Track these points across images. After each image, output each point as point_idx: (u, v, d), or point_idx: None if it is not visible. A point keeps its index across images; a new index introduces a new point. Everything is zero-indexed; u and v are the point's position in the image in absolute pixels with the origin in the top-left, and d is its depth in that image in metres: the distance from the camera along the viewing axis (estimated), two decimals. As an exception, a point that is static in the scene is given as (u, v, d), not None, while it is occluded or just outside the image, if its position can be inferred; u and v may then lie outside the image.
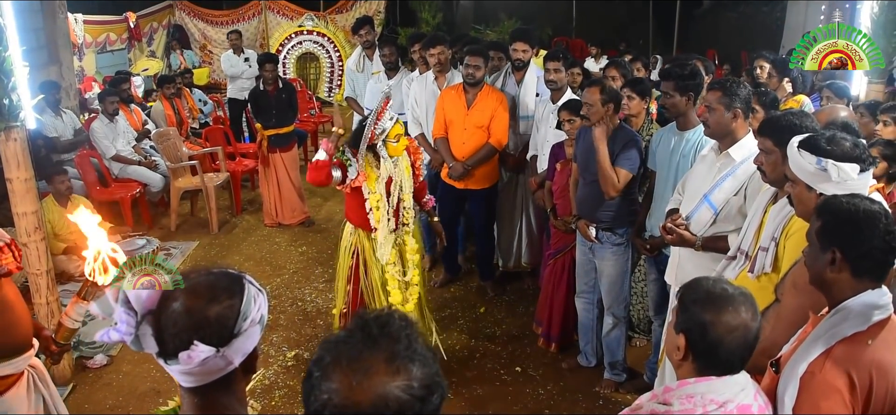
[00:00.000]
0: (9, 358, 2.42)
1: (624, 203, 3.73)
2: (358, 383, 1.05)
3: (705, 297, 1.61)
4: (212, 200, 6.67)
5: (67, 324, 2.37)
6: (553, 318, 4.38)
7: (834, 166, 2.02)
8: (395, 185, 3.82)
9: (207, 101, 9.45)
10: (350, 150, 3.68)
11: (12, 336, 2.41)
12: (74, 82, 7.99)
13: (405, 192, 3.88)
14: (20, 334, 2.44)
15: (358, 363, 1.07)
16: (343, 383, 1.06)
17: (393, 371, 1.07)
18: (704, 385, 1.60)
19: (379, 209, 3.76)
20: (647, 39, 13.98)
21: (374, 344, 1.09)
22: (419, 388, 1.07)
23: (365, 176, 3.70)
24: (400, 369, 1.07)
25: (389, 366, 1.07)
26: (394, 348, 1.09)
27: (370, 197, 3.74)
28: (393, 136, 3.69)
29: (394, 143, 3.70)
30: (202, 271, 1.37)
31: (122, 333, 1.29)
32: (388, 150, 3.72)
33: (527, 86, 5.00)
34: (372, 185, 3.73)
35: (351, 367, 1.07)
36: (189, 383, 1.33)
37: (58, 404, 2.70)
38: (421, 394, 1.07)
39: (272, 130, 6.60)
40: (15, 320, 2.40)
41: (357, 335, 1.11)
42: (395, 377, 1.06)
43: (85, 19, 9.75)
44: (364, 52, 6.23)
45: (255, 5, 12.82)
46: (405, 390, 1.06)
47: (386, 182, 3.78)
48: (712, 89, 3.00)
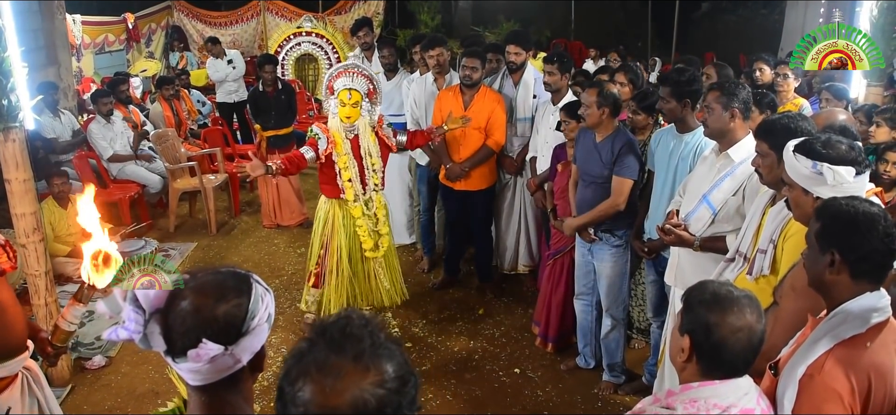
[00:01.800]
0: (3, 360, 2.40)
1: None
2: (331, 388, 1.05)
3: (711, 298, 1.61)
4: (210, 201, 6.67)
5: (63, 327, 2.35)
6: (551, 318, 4.38)
7: (829, 170, 2.02)
8: (364, 150, 4.32)
9: (206, 103, 9.45)
10: (317, 125, 4.33)
11: (6, 339, 2.38)
12: (73, 83, 7.98)
13: (373, 157, 4.36)
14: (14, 336, 2.42)
15: (327, 369, 1.06)
16: (316, 391, 1.05)
17: (363, 370, 1.06)
18: (708, 389, 1.60)
19: (347, 169, 4.30)
20: (646, 42, 14.00)
21: (338, 348, 1.09)
22: (393, 380, 1.07)
23: (334, 142, 4.24)
24: (369, 366, 1.07)
25: (358, 365, 1.07)
26: (359, 347, 1.08)
27: (338, 159, 4.26)
28: (340, 98, 4.21)
29: (340, 105, 4.22)
30: (209, 270, 1.37)
31: (131, 331, 1.29)
32: (338, 111, 4.24)
33: (523, 88, 5.01)
34: (340, 148, 4.26)
35: (321, 374, 1.06)
36: (197, 382, 1.33)
37: (53, 406, 2.68)
38: (396, 386, 1.08)
39: (271, 132, 6.61)
40: (9, 322, 2.38)
41: (319, 343, 1.10)
42: (367, 375, 1.06)
43: (83, 20, 9.74)
44: (363, 54, 6.24)
45: (254, 6, 12.80)
46: (380, 386, 1.06)
47: (353, 148, 4.30)
48: (711, 90, 3.01)
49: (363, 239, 4.44)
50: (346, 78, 4.25)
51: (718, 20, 15.35)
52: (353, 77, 4.26)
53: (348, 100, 4.21)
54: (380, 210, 4.51)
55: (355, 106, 4.24)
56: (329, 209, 4.45)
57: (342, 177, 4.33)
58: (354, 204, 4.37)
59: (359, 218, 4.39)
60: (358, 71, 4.30)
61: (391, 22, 13.70)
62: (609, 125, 3.67)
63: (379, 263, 4.62)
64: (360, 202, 4.39)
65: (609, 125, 3.67)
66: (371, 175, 4.38)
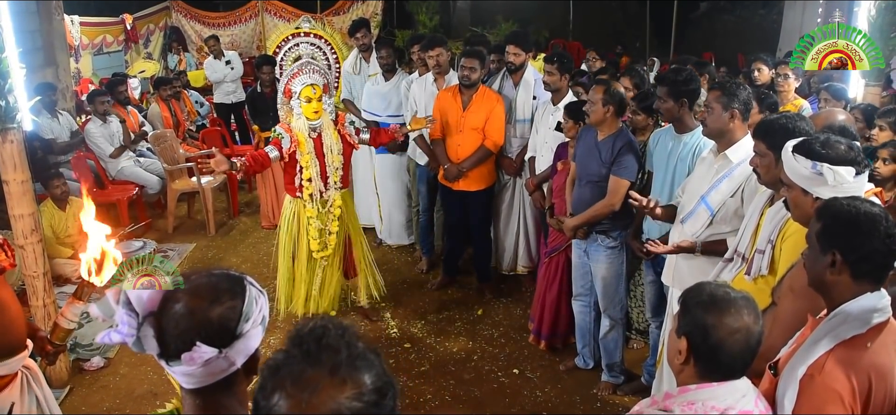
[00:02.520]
0: (3, 359, 2.41)
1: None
2: (307, 402, 1.02)
3: (708, 300, 1.61)
4: (209, 202, 6.66)
5: (63, 325, 2.36)
6: (544, 316, 4.39)
7: (829, 170, 2.01)
8: (327, 148, 4.35)
9: (204, 103, 9.44)
10: (281, 125, 4.34)
11: (7, 337, 2.40)
12: (71, 84, 7.97)
13: (335, 154, 4.38)
14: (14, 335, 2.43)
15: (302, 382, 1.04)
16: (292, 406, 1.03)
17: (339, 383, 1.04)
18: (706, 391, 1.60)
19: (308, 168, 4.32)
20: (645, 42, 14.00)
21: (314, 360, 1.06)
22: (370, 393, 1.05)
23: (297, 141, 4.26)
24: (346, 379, 1.04)
25: (335, 378, 1.04)
26: (335, 359, 1.05)
27: (301, 157, 4.28)
28: (303, 96, 4.23)
29: (305, 102, 4.23)
30: (203, 273, 1.37)
31: (124, 334, 1.28)
32: (303, 110, 4.26)
33: (523, 89, 5.00)
34: (303, 147, 4.28)
35: (296, 387, 1.03)
36: (191, 385, 1.33)
37: (52, 404, 2.68)
38: (373, 398, 1.05)
39: (269, 133, 6.58)
40: (9, 321, 2.40)
41: (295, 354, 1.07)
42: (343, 388, 1.03)
43: (81, 21, 9.72)
44: (360, 55, 6.23)
45: (252, 7, 12.79)
46: (357, 398, 1.04)
47: (316, 147, 4.32)
48: (712, 89, 3.01)
49: (311, 239, 4.41)
50: (303, 75, 4.25)
51: (717, 20, 15.35)
52: (310, 73, 4.26)
53: (314, 95, 4.23)
54: (336, 208, 4.45)
55: (320, 100, 4.26)
56: (293, 209, 4.46)
57: (302, 175, 4.33)
58: (310, 205, 4.36)
59: (312, 217, 4.37)
60: (313, 67, 4.30)
61: (390, 22, 13.68)
62: (612, 124, 3.66)
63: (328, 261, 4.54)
64: (317, 202, 4.38)
65: (612, 124, 3.66)
66: (332, 172, 4.38)
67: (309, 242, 4.42)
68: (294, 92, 4.27)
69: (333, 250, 4.50)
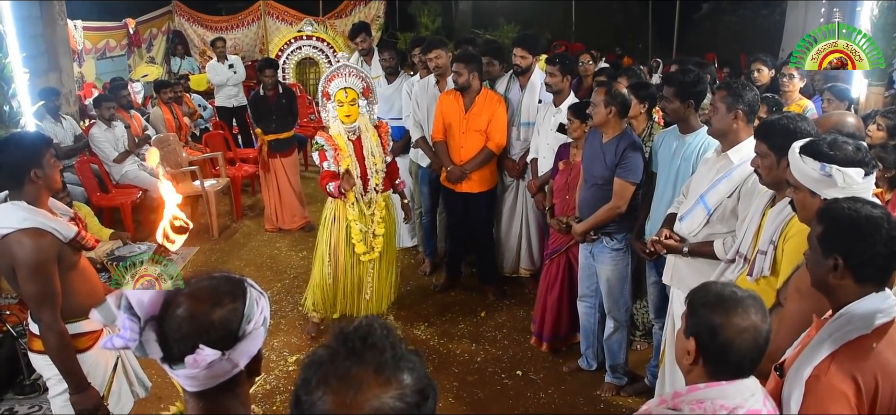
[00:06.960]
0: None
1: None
2: (351, 400, 1.03)
3: (715, 300, 1.60)
4: (212, 205, 6.67)
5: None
6: (546, 317, 4.39)
7: (838, 171, 1.99)
8: (367, 151, 4.30)
9: (207, 107, 9.46)
10: (320, 134, 4.29)
11: (93, 294, 2.74)
12: (74, 88, 7.97)
13: (376, 157, 4.33)
14: (98, 292, 2.79)
15: (347, 380, 1.05)
16: (336, 402, 1.04)
17: (384, 382, 1.05)
18: (715, 390, 1.59)
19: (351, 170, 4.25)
20: (647, 43, 14.00)
21: (359, 358, 1.07)
22: (412, 394, 1.06)
23: (337, 147, 4.23)
24: (390, 379, 1.05)
25: (379, 377, 1.05)
26: (380, 358, 1.07)
27: (342, 161, 4.23)
28: (337, 99, 4.22)
29: (338, 105, 4.23)
30: (203, 276, 1.38)
31: (126, 339, 1.29)
32: (339, 113, 4.23)
33: (529, 92, 5.00)
34: (343, 151, 4.25)
35: (341, 384, 1.05)
36: (194, 387, 1.34)
37: (131, 357, 3.03)
38: (415, 400, 1.06)
39: (272, 135, 6.61)
40: (93, 284, 2.80)
41: (340, 351, 1.08)
42: (387, 388, 1.04)
43: (84, 26, 9.75)
44: (361, 58, 6.24)
45: (255, 11, 12.82)
46: (400, 399, 1.04)
47: (356, 150, 4.27)
48: (719, 89, 3.01)
49: (355, 242, 4.34)
50: (339, 79, 4.26)
51: (719, 21, 15.31)
52: (346, 76, 4.27)
53: (345, 98, 4.22)
54: (379, 211, 4.43)
55: (353, 103, 4.24)
56: (334, 211, 4.40)
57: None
58: (353, 206, 4.32)
59: (353, 220, 4.33)
60: (350, 70, 4.31)
61: (392, 25, 13.71)
62: (616, 126, 3.66)
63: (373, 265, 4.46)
64: (360, 204, 4.34)
65: (616, 126, 3.66)
66: (373, 175, 4.33)
67: (353, 244, 4.35)
68: (331, 94, 4.28)
69: (380, 253, 4.46)
